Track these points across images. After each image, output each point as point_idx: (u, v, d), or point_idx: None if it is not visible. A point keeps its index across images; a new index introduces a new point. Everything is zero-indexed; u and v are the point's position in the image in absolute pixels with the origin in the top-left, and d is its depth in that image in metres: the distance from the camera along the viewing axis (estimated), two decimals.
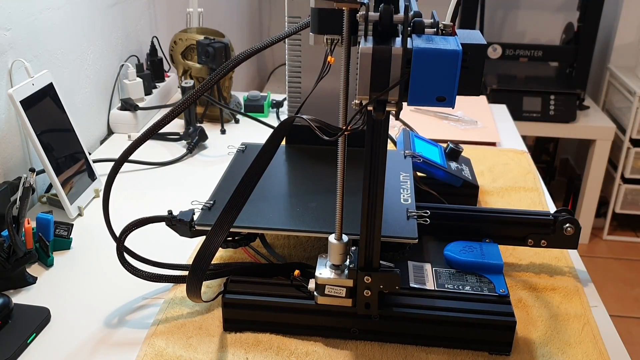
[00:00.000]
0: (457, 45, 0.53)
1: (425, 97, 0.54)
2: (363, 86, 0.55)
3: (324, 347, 0.71)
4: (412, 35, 0.55)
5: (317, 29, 0.59)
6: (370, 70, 0.54)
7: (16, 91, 0.93)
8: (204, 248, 0.65)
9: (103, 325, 0.75)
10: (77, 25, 1.19)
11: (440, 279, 0.74)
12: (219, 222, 0.66)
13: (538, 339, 0.73)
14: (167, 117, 0.70)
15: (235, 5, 2.41)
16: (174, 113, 0.69)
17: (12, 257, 0.79)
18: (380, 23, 0.55)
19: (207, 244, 0.66)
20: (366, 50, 0.54)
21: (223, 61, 1.31)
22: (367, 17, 0.55)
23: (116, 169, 0.70)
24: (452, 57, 0.53)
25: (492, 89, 2.31)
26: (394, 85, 0.54)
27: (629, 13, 2.50)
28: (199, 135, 1.23)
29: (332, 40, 0.59)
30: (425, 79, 0.54)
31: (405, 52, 0.53)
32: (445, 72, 0.53)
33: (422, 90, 0.54)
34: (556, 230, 0.81)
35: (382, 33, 0.56)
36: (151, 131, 0.69)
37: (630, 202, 2.48)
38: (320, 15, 0.58)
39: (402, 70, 0.54)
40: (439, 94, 0.54)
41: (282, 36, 0.69)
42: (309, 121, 0.60)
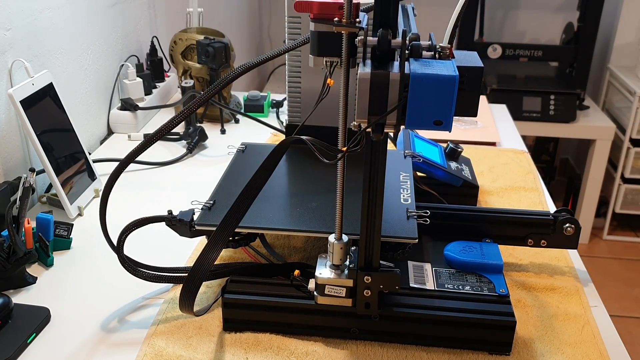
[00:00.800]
0: (454, 70, 0.54)
1: (422, 121, 0.55)
2: (362, 110, 0.56)
3: (324, 347, 0.71)
4: (410, 59, 0.56)
5: (317, 52, 0.60)
6: (368, 95, 0.55)
7: (16, 91, 0.93)
8: (198, 264, 0.65)
9: (103, 325, 0.75)
10: (77, 25, 1.19)
11: (440, 279, 0.74)
12: (213, 239, 0.66)
13: (538, 339, 0.73)
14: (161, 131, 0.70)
15: (235, 5, 2.41)
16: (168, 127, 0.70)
17: (12, 257, 0.79)
18: (378, 47, 0.56)
19: (201, 260, 0.65)
20: (364, 75, 0.55)
21: (223, 61, 1.31)
22: (366, 41, 0.56)
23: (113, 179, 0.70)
24: (448, 82, 0.53)
25: (492, 89, 2.31)
26: (391, 110, 0.56)
27: (629, 13, 2.50)
28: (199, 135, 1.23)
29: (331, 62, 0.60)
30: (423, 103, 0.54)
31: (403, 77, 0.54)
32: (442, 97, 0.54)
33: (419, 115, 0.55)
34: (556, 230, 0.81)
35: (380, 57, 0.57)
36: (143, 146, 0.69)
37: (630, 202, 2.49)
38: (320, 38, 0.59)
39: (399, 94, 0.55)
40: (436, 118, 0.55)
41: (282, 50, 0.70)
42: (308, 142, 0.61)
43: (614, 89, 2.56)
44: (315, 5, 0.59)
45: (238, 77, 0.70)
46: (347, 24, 0.57)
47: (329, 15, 0.58)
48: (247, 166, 0.92)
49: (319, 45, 0.60)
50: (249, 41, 2.66)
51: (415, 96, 0.54)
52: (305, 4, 0.59)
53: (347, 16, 0.57)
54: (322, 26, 0.58)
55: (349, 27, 0.57)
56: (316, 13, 0.59)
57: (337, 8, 0.58)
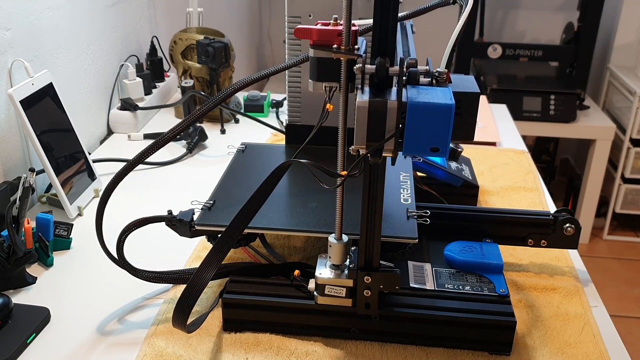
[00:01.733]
0: (450, 98, 0.55)
1: (419, 147, 0.57)
2: (360, 136, 0.57)
3: (324, 347, 0.71)
4: (407, 86, 0.57)
5: (316, 77, 0.61)
6: (366, 122, 0.57)
7: (16, 91, 0.93)
8: (192, 283, 0.65)
9: (103, 325, 0.75)
10: (77, 25, 1.19)
11: (440, 279, 0.74)
12: (207, 260, 0.66)
13: (538, 339, 0.73)
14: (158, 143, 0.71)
15: (235, 5, 2.41)
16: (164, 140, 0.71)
17: (12, 257, 0.79)
18: (376, 75, 0.58)
19: (196, 280, 0.65)
20: (363, 103, 0.56)
21: (223, 61, 1.31)
22: (364, 69, 0.58)
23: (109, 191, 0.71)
24: (445, 111, 0.55)
25: (492, 89, 2.31)
26: (389, 137, 0.57)
27: (629, 13, 2.50)
28: (199, 135, 1.23)
29: (330, 88, 0.61)
30: (420, 131, 0.56)
31: (400, 105, 0.55)
32: (438, 125, 0.55)
33: (416, 141, 0.56)
34: (556, 230, 0.81)
35: (378, 84, 0.58)
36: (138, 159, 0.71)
37: (630, 202, 2.48)
38: (319, 64, 0.61)
39: (397, 122, 0.56)
40: (433, 144, 0.56)
41: (283, 67, 0.71)
42: (308, 166, 0.62)
43: (614, 89, 2.56)
44: (314, 32, 0.60)
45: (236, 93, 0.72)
46: (345, 51, 0.58)
47: (328, 42, 0.59)
48: (247, 166, 0.92)
49: (318, 71, 0.61)
50: (249, 41, 2.66)
51: (412, 124, 0.56)
52: (305, 30, 0.60)
53: (345, 43, 0.58)
54: (321, 52, 0.60)
55: (348, 54, 0.58)
56: (315, 40, 0.60)
57: (336, 35, 0.59)
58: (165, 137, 0.71)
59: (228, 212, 0.78)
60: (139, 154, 0.70)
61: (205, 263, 0.66)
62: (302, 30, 0.60)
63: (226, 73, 1.37)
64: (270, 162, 0.94)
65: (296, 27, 0.61)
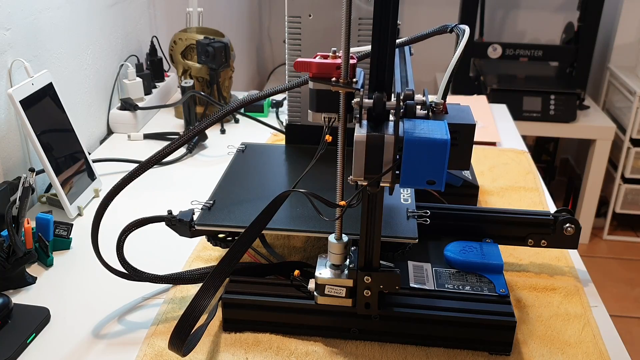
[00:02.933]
0: (446, 132, 0.57)
1: (416, 180, 0.58)
2: (358, 169, 0.59)
3: (324, 347, 0.71)
4: (404, 119, 0.59)
5: (315, 108, 0.63)
6: (364, 155, 0.59)
7: (16, 91, 0.93)
8: (191, 308, 0.65)
9: (103, 325, 0.75)
10: (76, 25, 1.19)
11: (440, 279, 0.74)
12: (205, 286, 0.66)
13: (538, 339, 0.73)
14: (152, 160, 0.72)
15: (235, 5, 2.41)
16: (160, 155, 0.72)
17: (12, 257, 0.79)
18: (374, 109, 0.60)
19: (193, 305, 0.65)
20: (360, 137, 0.58)
21: (223, 61, 1.31)
22: (362, 104, 0.59)
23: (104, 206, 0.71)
24: (440, 146, 0.56)
25: (492, 89, 2.31)
26: (386, 171, 0.59)
27: (629, 13, 2.50)
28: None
29: (329, 118, 0.63)
30: (416, 164, 0.58)
31: (397, 139, 0.57)
32: (434, 159, 0.57)
33: (413, 175, 0.58)
34: (556, 230, 0.81)
35: (376, 117, 0.60)
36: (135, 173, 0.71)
37: (631, 202, 2.48)
38: (318, 95, 0.62)
39: (394, 155, 0.58)
40: (429, 178, 0.58)
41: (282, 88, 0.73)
42: (307, 195, 0.64)
43: (614, 88, 2.56)
44: (314, 65, 0.61)
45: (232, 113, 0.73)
46: (344, 85, 0.60)
47: (327, 75, 0.61)
48: (247, 166, 0.92)
49: (318, 102, 0.63)
50: (249, 41, 2.66)
51: (408, 158, 0.57)
52: (304, 64, 0.61)
53: (344, 77, 0.60)
54: (320, 85, 0.61)
55: (346, 88, 0.60)
56: (315, 72, 0.62)
57: (334, 68, 0.60)
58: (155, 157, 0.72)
59: (228, 212, 0.78)
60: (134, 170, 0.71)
61: (203, 290, 0.66)
62: (302, 63, 0.62)
63: (226, 73, 1.37)
64: (270, 162, 0.94)
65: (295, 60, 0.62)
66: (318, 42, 0.95)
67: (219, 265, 0.66)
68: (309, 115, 0.64)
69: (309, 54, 0.96)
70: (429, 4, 2.77)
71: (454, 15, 2.51)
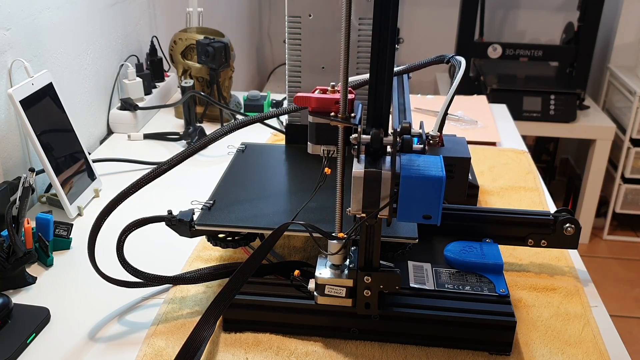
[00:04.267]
0: (441, 169, 0.59)
1: (412, 215, 0.60)
2: (356, 203, 0.62)
3: (324, 347, 0.71)
4: (400, 154, 0.62)
5: (315, 140, 0.65)
6: (362, 190, 0.61)
7: (16, 91, 0.93)
8: (191, 339, 0.65)
9: (103, 325, 0.75)
10: (76, 25, 1.19)
11: (440, 279, 0.74)
12: (205, 316, 0.66)
13: (538, 339, 0.73)
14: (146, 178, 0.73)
15: (235, 5, 2.41)
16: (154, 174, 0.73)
17: (12, 257, 0.79)
18: (371, 145, 0.61)
19: (194, 336, 0.65)
20: (359, 173, 0.60)
21: (223, 61, 1.31)
22: (360, 140, 0.61)
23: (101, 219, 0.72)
24: (436, 183, 0.58)
25: (492, 89, 2.31)
26: (383, 207, 0.61)
27: (629, 13, 2.50)
28: (199, 135, 1.23)
29: (328, 151, 0.65)
30: (412, 200, 0.60)
31: (394, 175, 0.59)
32: (430, 195, 0.59)
33: (409, 209, 0.60)
34: (556, 230, 0.81)
35: (373, 152, 0.62)
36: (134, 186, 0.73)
37: (630, 202, 2.48)
38: (318, 129, 0.64)
39: (391, 190, 0.60)
40: (425, 212, 0.60)
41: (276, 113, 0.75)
42: (306, 227, 0.66)
43: (614, 88, 2.56)
44: (313, 100, 0.63)
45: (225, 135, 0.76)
46: (342, 119, 0.61)
47: (326, 109, 0.62)
48: (247, 166, 0.92)
49: (317, 135, 0.64)
50: (249, 41, 2.66)
51: (405, 194, 0.59)
52: (304, 99, 0.63)
53: (342, 112, 0.62)
54: (319, 119, 0.63)
55: (345, 123, 0.61)
56: (314, 107, 0.63)
57: (333, 103, 0.62)
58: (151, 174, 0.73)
59: (228, 212, 0.78)
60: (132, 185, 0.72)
61: (203, 321, 0.66)
62: (301, 98, 0.63)
63: (226, 73, 1.37)
64: (270, 162, 0.94)
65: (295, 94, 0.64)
66: (318, 42, 0.95)
67: (219, 296, 0.66)
68: (309, 147, 0.66)
69: (309, 53, 0.96)
70: (429, 4, 2.77)
71: (454, 15, 2.51)
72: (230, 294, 0.65)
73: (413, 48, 2.83)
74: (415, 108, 1.47)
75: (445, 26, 2.75)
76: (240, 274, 0.65)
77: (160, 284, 0.80)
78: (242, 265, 0.65)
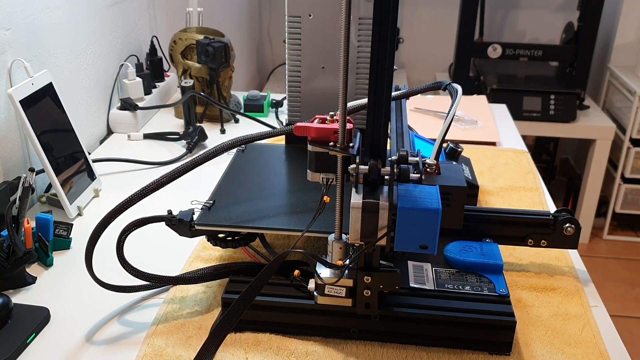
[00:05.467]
0: (437, 201, 0.60)
1: (409, 244, 0.62)
2: (354, 232, 0.63)
3: (324, 347, 0.71)
4: (398, 184, 0.63)
5: (314, 168, 0.66)
6: (360, 220, 0.62)
7: (16, 91, 0.92)
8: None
9: (103, 325, 0.75)
10: (76, 25, 1.19)
11: (440, 279, 0.74)
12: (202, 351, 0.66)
13: (538, 339, 0.73)
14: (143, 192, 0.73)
15: (235, 5, 2.41)
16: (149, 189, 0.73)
17: (12, 257, 0.79)
18: (369, 176, 0.63)
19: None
20: (357, 204, 0.62)
21: (223, 61, 1.31)
22: (358, 170, 0.63)
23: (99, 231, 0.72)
24: (432, 214, 0.60)
25: (492, 89, 2.31)
26: (381, 237, 0.63)
27: (629, 13, 2.50)
28: (199, 135, 1.23)
29: (327, 179, 0.66)
30: (409, 231, 0.61)
31: (391, 206, 0.61)
32: (426, 226, 0.60)
33: (406, 240, 0.62)
34: (556, 230, 0.81)
35: (371, 182, 0.64)
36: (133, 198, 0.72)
37: (630, 201, 2.48)
38: (317, 157, 0.65)
39: (388, 220, 0.62)
40: (422, 242, 0.61)
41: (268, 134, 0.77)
42: (306, 255, 0.66)
43: (614, 88, 2.56)
44: (312, 130, 0.64)
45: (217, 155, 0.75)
46: (341, 149, 0.63)
47: (325, 139, 0.64)
48: (246, 166, 0.92)
49: (316, 164, 0.66)
50: (249, 41, 2.66)
51: (402, 225, 0.61)
52: (303, 128, 0.64)
53: (341, 142, 0.63)
54: (318, 148, 0.64)
55: (343, 153, 0.63)
56: (313, 136, 0.64)
57: (332, 132, 0.63)
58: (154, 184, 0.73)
59: (228, 212, 0.78)
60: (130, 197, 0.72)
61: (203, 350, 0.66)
62: (301, 128, 0.64)
63: (226, 73, 1.37)
64: (270, 162, 0.94)
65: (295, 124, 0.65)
66: (318, 42, 0.95)
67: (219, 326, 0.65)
68: (308, 175, 0.67)
69: (309, 54, 0.96)
70: (429, 4, 2.77)
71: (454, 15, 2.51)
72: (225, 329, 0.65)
73: (413, 48, 2.83)
74: (415, 108, 1.47)
75: (445, 26, 2.75)
76: (235, 308, 0.65)
77: (160, 284, 0.80)
78: (237, 300, 0.65)
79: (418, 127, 1.25)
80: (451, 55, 2.58)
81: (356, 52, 0.94)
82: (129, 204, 0.72)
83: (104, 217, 0.72)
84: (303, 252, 0.66)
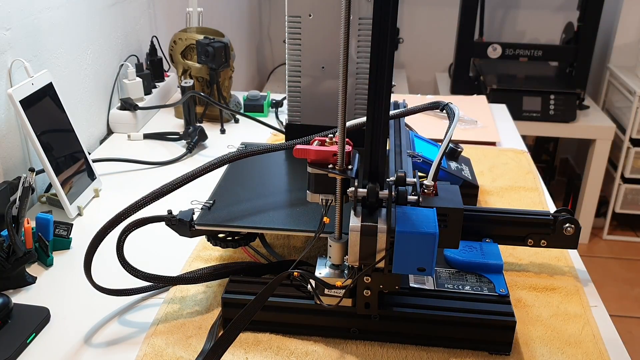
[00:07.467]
0: (435, 225, 0.61)
1: (407, 267, 0.63)
2: (353, 255, 0.64)
3: (324, 347, 0.71)
4: (396, 206, 0.64)
5: (314, 190, 0.67)
6: (359, 243, 0.63)
7: (16, 91, 0.92)
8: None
9: (103, 325, 0.75)
10: (76, 25, 1.19)
11: (440, 278, 0.74)
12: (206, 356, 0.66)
13: (538, 339, 0.73)
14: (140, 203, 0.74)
15: (235, 5, 2.41)
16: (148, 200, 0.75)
17: (12, 256, 0.79)
18: (367, 199, 0.65)
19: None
20: (355, 228, 0.63)
21: (223, 61, 1.31)
22: (357, 193, 0.64)
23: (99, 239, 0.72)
24: (429, 238, 0.61)
25: (492, 89, 2.31)
26: (379, 260, 0.64)
27: (629, 13, 2.50)
28: (199, 135, 1.23)
29: (326, 200, 0.66)
30: (407, 254, 0.62)
31: (390, 229, 0.62)
32: (423, 249, 0.61)
33: (404, 262, 0.62)
34: (556, 230, 0.81)
35: (370, 205, 0.65)
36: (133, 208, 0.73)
37: (630, 201, 2.48)
38: (316, 179, 0.66)
39: (386, 243, 0.63)
40: (419, 265, 0.62)
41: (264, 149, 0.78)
42: (304, 276, 0.67)
43: (614, 88, 2.56)
44: (312, 153, 0.65)
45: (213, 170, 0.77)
46: (340, 172, 0.64)
47: (324, 161, 0.65)
48: (246, 166, 0.92)
49: (316, 185, 0.66)
50: (249, 41, 2.66)
51: (400, 249, 0.62)
52: (303, 151, 0.65)
53: (340, 165, 0.64)
54: (318, 170, 0.65)
55: (342, 175, 0.64)
56: (313, 159, 0.65)
57: (331, 155, 0.64)
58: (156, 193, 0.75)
59: (228, 212, 0.78)
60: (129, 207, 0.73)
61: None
62: (301, 150, 0.65)
63: (226, 73, 1.37)
64: (270, 162, 0.94)
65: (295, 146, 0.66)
66: (318, 42, 0.95)
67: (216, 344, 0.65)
68: (308, 196, 0.67)
69: (309, 54, 0.96)
70: (429, 4, 2.77)
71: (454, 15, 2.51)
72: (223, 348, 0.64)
73: (413, 48, 2.83)
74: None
75: (445, 26, 2.75)
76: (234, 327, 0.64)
77: (160, 284, 0.80)
78: (237, 317, 0.64)
79: (418, 127, 1.25)
80: (451, 55, 2.58)
81: (356, 52, 0.94)
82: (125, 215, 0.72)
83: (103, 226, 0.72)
84: (302, 273, 0.67)
